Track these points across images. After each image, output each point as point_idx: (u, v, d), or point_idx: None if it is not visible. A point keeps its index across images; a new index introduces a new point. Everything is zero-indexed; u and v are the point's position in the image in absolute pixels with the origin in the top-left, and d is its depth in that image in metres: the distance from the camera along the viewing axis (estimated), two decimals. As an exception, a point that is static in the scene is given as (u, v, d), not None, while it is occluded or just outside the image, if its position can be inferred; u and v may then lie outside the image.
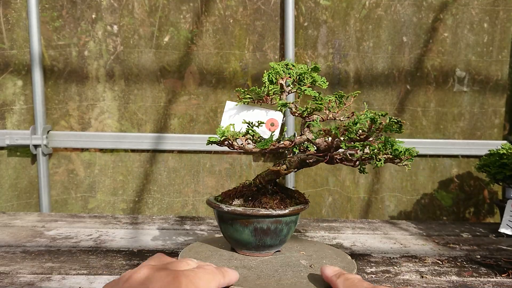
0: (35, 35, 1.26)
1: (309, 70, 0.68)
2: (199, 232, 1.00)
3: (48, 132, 1.30)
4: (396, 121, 0.59)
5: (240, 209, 0.62)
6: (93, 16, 1.30)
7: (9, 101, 1.30)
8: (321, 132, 0.65)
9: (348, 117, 0.65)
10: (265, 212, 0.61)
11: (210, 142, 0.64)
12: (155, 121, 1.34)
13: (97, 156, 1.33)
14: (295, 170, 0.67)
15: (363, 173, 0.63)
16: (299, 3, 1.33)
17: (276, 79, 0.67)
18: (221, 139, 0.64)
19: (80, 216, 1.13)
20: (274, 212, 0.62)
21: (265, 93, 0.66)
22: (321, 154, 0.64)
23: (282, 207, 0.63)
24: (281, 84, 0.68)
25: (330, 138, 0.63)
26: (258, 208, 0.62)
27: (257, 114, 0.69)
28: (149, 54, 1.32)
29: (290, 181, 1.33)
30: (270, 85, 0.66)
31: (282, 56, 1.33)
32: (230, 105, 0.69)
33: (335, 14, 1.34)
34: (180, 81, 1.34)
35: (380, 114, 0.59)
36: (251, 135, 0.63)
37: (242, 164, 1.35)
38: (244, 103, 0.68)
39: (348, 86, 1.36)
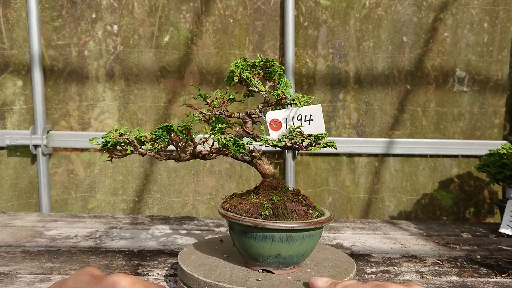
0: (35, 35, 1.26)
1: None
2: (199, 233, 1.00)
3: (48, 132, 1.30)
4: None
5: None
6: (93, 16, 1.30)
7: (9, 101, 1.30)
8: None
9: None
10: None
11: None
12: (155, 121, 1.34)
13: (97, 156, 1.33)
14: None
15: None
16: (299, 3, 1.32)
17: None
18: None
19: (80, 216, 1.13)
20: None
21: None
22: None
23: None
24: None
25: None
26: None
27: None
28: (149, 54, 1.32)
29: (290, 182, 1.33)
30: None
31: (282, 56, 1.33)
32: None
33: (335, 14, 1.34)
34: (180, 81, 1.33)
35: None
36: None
37: (242, 164, 1.35)
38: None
39: (348, 86, 1.36)
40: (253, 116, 0.67)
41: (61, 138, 1.30)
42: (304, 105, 0.64)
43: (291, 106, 0.66)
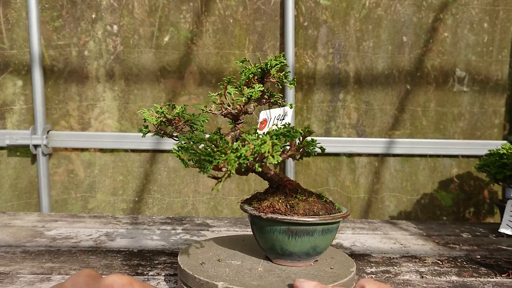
0: (35, 35, 1.26)
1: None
2: (199, 233, 1.00)
3: (48, 132, 1.30)
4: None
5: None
6: (93, 16, 1.30)
7: (9, 101, 1.30)
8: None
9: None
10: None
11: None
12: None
13: (97, 156, 1.33)
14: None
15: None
16: (299, 3, 1.32)
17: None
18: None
19: (80, 216, 1.13)
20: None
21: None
22: None
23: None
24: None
25: None
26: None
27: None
28: (149, 54, 1.32)
29: (290, 181, 1.33)
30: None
31: (282, 56, 1.33)
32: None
33: (335, 14, 1.34)
34: (180, 81, 1.34)
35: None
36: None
37: (242, 164, 1.35)
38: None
39: (348, 86, 1.36)
40: (246, 114, 0.69)
41: (61, 138, 1.30)
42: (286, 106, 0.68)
43: (276, 104, 0.69)
